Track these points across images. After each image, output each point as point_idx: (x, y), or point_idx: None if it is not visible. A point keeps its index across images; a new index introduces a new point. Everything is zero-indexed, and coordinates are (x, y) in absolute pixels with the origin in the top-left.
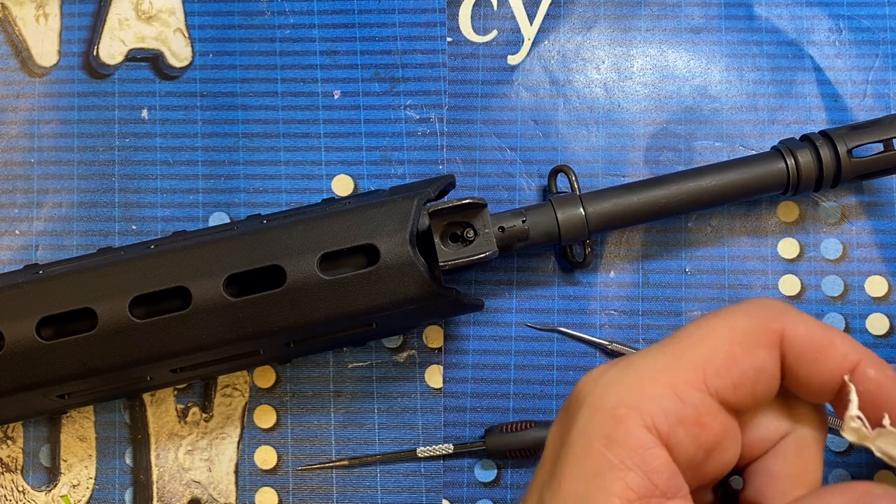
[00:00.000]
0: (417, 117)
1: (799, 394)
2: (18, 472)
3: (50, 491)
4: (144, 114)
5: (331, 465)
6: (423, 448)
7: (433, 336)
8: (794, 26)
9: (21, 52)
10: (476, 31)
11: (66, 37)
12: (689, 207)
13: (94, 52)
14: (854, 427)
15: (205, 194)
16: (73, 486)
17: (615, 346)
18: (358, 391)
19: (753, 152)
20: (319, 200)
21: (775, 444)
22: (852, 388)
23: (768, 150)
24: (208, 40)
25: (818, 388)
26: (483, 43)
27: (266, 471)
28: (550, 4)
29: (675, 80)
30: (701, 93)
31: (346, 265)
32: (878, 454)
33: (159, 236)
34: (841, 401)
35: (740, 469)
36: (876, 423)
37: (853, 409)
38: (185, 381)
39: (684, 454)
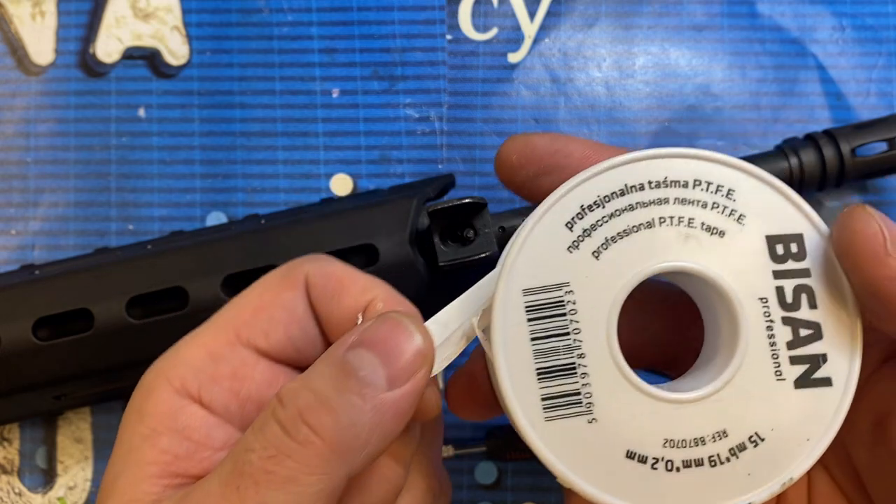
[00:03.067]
0: (417, 116)
1: (329, 336)
2: (14, 473)
3: (46, 493)
4: (141, 112)
5: None
6: None
7: None
8: (798, 24)
9: (17, 51)
10: (476, 28)
11: (63, 35)
12: None
13: (91, 51)
14: None
15: (202, 194)
16: (70, 488)
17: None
18: None
19: (756, 151)
20: (318, 200)
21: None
22: (360, 318)
23: (771, 149)
24: (206, 38)
25: (339, 324)
26: (483, 41)
27: None
28: (551, 2)
29: (677, 78)
30: (703, 91)
31: None
32: None
33: (156, 236)
34: None
35: None
36: None
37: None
38: None
39: (228, 410)
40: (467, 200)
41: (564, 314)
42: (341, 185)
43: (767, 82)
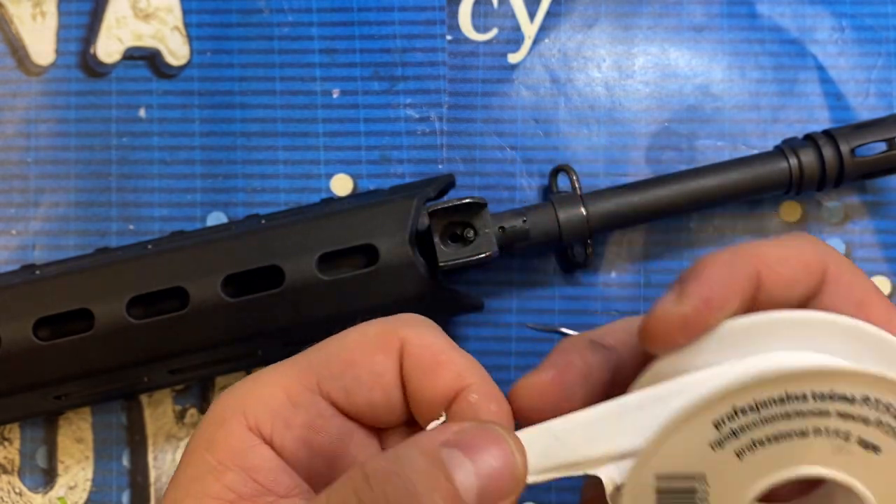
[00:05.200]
0: (417, 116)
1: (413, 410)
2: (15, 473)
3: (47, 493)
4: (142, 113)
5: None
6: None
7: None
8: (797, 25)
9: (17, 51)
10: (476, 29)
11: (63, 35)
12: (691, 207)
13: (92, 51)
14: None
15: (203, 194)
16: (70, 487)
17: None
18: None
19: (756, 151)
20: (318, 200)
21: None
22: (443, 415)
23: (771, 149)
24: (206, 38)
25: (428, 403)
26: (483, 41)
27: None
28: (551, 2)
29: (676, 78)
30: (703, 92)
31: (345, 265)
32: None
33: (157, 236)
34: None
35: None
36: None
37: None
38: (183, 383)
39: (296, 457)
40: (467, 200)
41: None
42: (341, 185)
43: (767, 82)
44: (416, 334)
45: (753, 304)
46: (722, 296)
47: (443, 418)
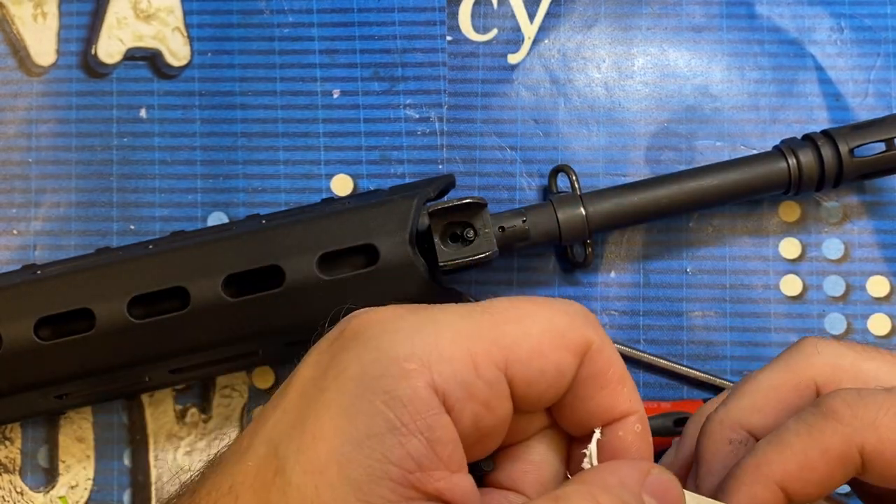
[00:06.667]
0: (417, 116)
1: (564, 412)
2: (17, 472)
3: (48, 492)
4: (143, 113)
5: None
6: None
7: None
8: (796, 25)
9: (19, 52)
10: (476, 29)
11: (65, 36)
12: (690, 207)
13: (93, 52)
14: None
15: (203, 194)
16: (72, 487)
17: (615, 347)
18: None
19: (755, 152)
20: (318, 200)
21: (535, 434)
22: (599, 430)
23: (770, 149)
24: (207, 39)
25: (589, 415)
26: (483, 42)
27: None
28: (551, 3)
29: (676, 79)
30: (702, 92)
31: (345, 265)
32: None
33: (157, 236)
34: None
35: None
36: None
37: (593, 449)
38: (184, 382)
39: (466, 433)
40: (467, 200)
41: None
42: (342, 185)
43: (766, 83)
44: (601, 341)
45: None
46: None
47: (598, 432)
